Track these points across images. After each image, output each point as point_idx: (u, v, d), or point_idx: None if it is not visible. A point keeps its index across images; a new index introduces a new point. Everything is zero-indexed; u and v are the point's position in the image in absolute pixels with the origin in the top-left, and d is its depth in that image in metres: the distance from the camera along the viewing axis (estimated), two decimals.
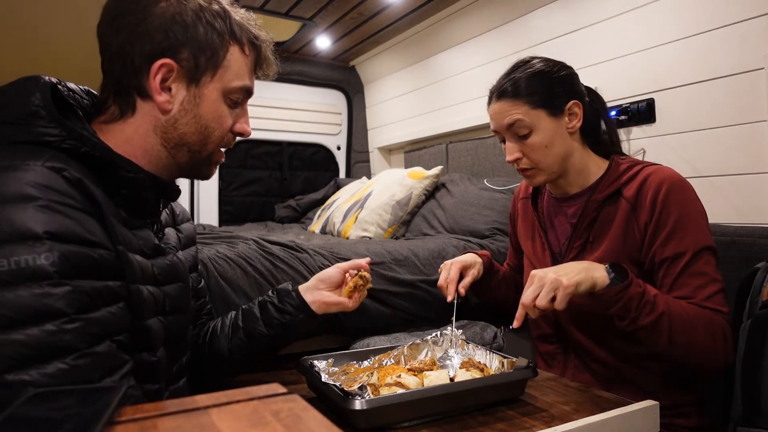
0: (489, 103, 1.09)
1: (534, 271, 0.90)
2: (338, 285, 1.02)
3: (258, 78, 0.84)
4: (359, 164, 3.61)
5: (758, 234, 1.18)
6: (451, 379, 0.87)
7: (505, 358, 0.94)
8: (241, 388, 0.50)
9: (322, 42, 3.07)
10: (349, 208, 2.46)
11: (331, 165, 3.61)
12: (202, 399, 0.47)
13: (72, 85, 0.76)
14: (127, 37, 0.72)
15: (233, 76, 0.77)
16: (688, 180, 1.00)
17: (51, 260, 0.57)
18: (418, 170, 2.38)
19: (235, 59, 0.77)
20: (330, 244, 1.65)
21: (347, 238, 2.26)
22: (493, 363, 0.95)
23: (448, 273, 1.12)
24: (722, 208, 1.54)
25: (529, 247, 1.19)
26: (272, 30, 0.82)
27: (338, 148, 3.63)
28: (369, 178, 3.01)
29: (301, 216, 3.21)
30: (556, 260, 1.11)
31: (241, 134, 0.82)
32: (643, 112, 1.74)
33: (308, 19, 2.74)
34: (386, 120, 3.41)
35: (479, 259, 1.17)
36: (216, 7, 0.76)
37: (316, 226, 2.69)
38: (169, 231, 0.89)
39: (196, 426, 0.41)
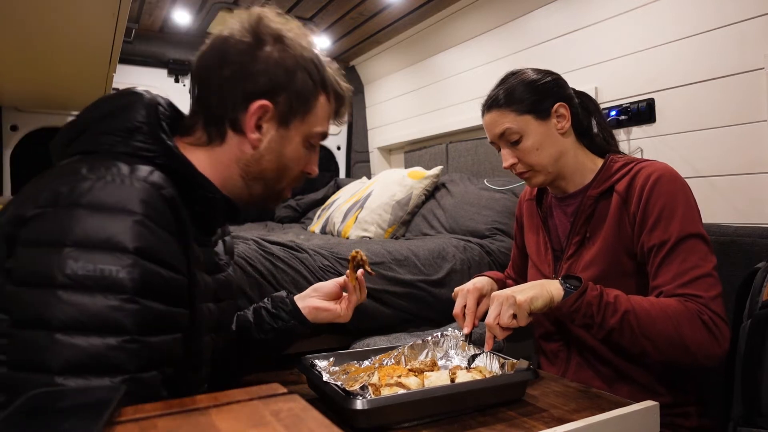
0: (482, 115, 1.14)
1: (494, 293, 0.93)
2: (333, 296, 1.03)
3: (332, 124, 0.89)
4: (359, 164, 3.61)
5: (758, 234, 1.18)
6: (452, 380, 0.87)
7: (505, 359, 0.94)
8: (241, 388, 0.50)
9: (322, 42, 3.07)
10: (349, 208, 2.46)
11: (331, 165, 3.61)
12: (202, 399, 0.47)
13: (161, 99, 0.79)
14: (232, 75, 0.75)
15: (317, 122, 0.82)
16: (686, 179, 1.01)
17: (132, 276, 0.58)
18: (418, 170, 2.38)
19: (322, 107, 0.82)
20: (330, 244, 1.65)
21: (347, 238, 2.26)
22: (494, 365, 0.95)
23: (464, 302, 1.09)
24: (722, 208, 1.54)
25: (533, 247, 1.21)
26: None
27: (338, 148, 3.63)
28: (369, 178, 3.01)
29: (301, 216, 3.21)
30: (557, 258, 1.12)
31: (309, 174, 0.87)
32: (643, 112, 1.74)
33: (308, 19, 2.74)
34: (386, 120, 3.41)
35: (494, 286, 1.16)
36: (312, 56, 0.80)
37: (316, 226, 2.69)
38: (219, 246, 0.91)
39: (196, 426, 0.41)
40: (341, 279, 1.04)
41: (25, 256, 0.59)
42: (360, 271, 1.04)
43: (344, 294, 1.04)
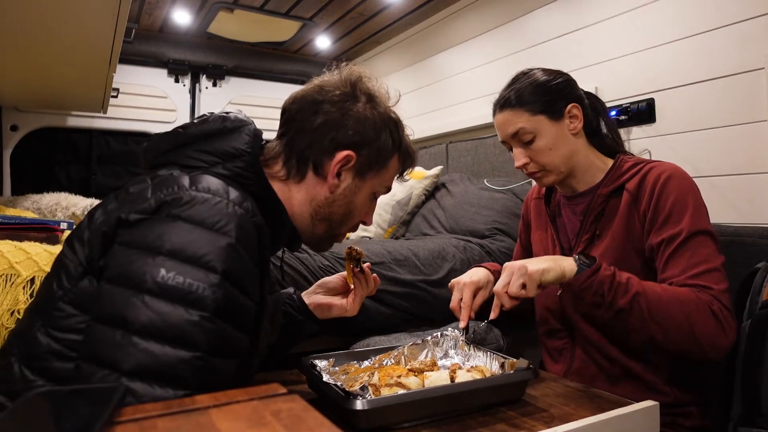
0: (493, 115, 1.13)
1: (506, 263, 0.94)
2: (338, 291, 1.04)
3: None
4: None
5: (758, 234, 1.18)
6: (452, 380, 0.87)
7: (505, 359, 0.94)
8: (241, 388, 0.50)
9: (322, 42, 3.07)
10: None
11: None
12: (202, 399, 0.47)
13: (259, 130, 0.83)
14: (323, 123, 0.81)
15: (388, 178, 0.88)
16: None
17: (215, 296, 0.60)
18: (418, 170, 2.38)
19: (393, 165, 0.88)
20: None
21: (347, 238, 2.26)
22: (494, 364, 0.95)
23: (461, 295, 1.10)
24: (722, 208, 1.54)
25: (540, 245, 1.21)
26: (272, 30, 0.85)
27: None
28: None
29: None
30: (565, 255, 1.12)
31: (365, 223, 0.92)
32: (643, 112, 1.74)
33: (308, 19, 2.74)
34: None
35: (491, 278, 1.16)
36: (396, 118, 0.87)
37: None
38: None
39: (196, 426, 0.41)
40: (345, 273, 1.05)
41: (121, 255, 0.61)
42: (367, 264, 1.04)
43: (351, 287, 1.04)
